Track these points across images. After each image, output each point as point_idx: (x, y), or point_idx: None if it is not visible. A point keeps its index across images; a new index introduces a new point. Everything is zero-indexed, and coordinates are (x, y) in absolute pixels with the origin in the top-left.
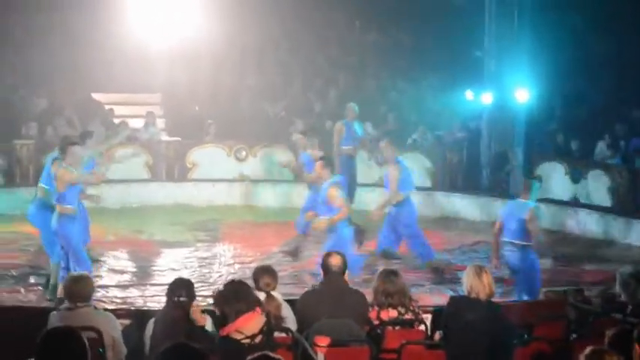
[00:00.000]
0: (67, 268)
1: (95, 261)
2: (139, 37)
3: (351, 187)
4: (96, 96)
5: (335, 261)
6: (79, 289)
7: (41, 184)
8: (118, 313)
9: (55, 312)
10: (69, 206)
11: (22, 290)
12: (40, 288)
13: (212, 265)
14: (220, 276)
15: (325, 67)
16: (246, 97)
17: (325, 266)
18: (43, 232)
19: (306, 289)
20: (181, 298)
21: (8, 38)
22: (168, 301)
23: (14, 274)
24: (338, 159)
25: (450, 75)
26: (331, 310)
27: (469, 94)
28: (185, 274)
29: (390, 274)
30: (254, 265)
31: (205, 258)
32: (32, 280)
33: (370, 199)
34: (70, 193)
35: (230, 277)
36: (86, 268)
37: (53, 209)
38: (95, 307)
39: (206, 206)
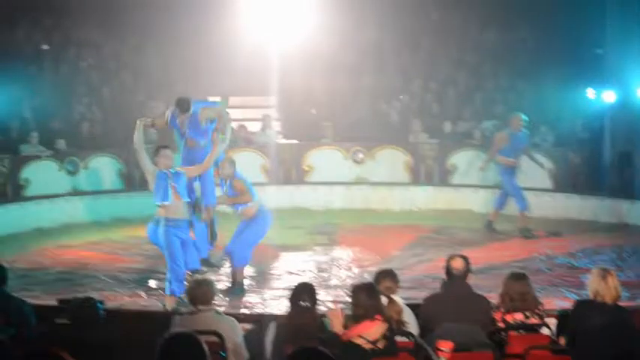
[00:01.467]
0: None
1: (217, 267)
2: (255, 39)
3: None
4: (212, 99)
5: (458, 265)
6: (202, 293)
7: None
8: (238, 317)
9: (177, 316)
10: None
11: (144, 295)
12: (161, 292)
13: (331, 269)
14: (339, 280)
15: (444, 67)
16: (364, 99)
17: (448, 270)
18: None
19: (428, 293)
20: (305, 303)
21: (128, 40)
22: (292, 306)
23: (135, 278)
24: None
25: (570, 73)
26: (454, 314)
27: (590, 93)
28: (304, 278)
29: (518, 277)
30: (373, 268)
31: (324, 262)
32: (153, 284)
33: None
34: None
35: (349, 282)
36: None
37: None
38: (217, 312)
39: (324, 209)
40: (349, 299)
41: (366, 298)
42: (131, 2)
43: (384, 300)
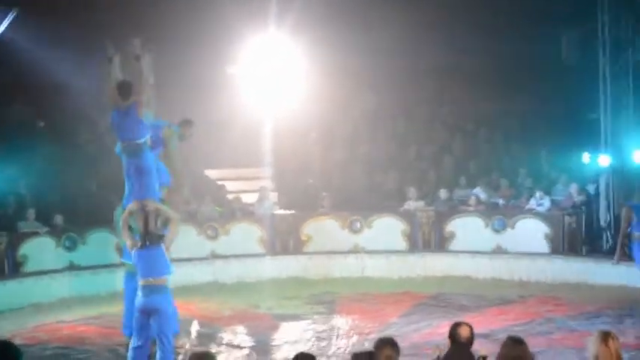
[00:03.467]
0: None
1: None
2: (249, 111)
3: None
4: (208, 172)
5: (464, 332)
6: None
7: None
8: None
9: None
10: None
11: None
12: None
13: (330, 338)
14: (338, 349)
15: (439, 134)
16: (359, 168)
17: (454, 337)
18: None
19: None
20: None
21: None
22: None
23: None
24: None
25: (565, 138)
26: None
27: (586, 157)
28: (303, 348)
29: (515, 342)
30: (373, 336)
31: (323, 331)
32: None
33: None
34: None
35: (348, 350)
36: None
37: None
38: None
39: (322, 279)
40: None
41: None
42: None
43: None
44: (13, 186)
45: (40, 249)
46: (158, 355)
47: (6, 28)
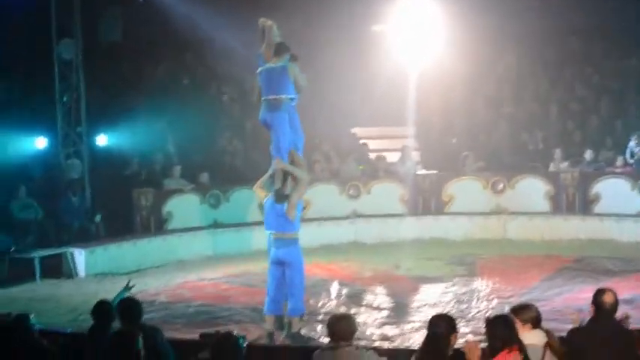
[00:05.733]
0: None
1: None
2: (393, 69)
3: None
4: (353, 130)
5: (609, 298)
6: (343, 329)
7: None
8: (378, 351)
9: (317, 351)
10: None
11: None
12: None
13: (470, 301)
14: (479, 312)
15: (585, 94)
16: (504, 128)
17: (597, 303)
18: None
19: (570, 325)
20: (440, 331)
21: None
22: (428, 336)
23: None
24: None
25: None
26: (600, 350)
27: None
28: (443, 310)
29: None
30: (513, 300)
31: (463, 293)
32: None
33: None
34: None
35: (489, 313)
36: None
37: None
38: (357, 346)
39: (463, 240)
40: (485, 332)
41: (502, 329)
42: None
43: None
44: (160, 143)
45: (185, 206)
46: (289, 306)
47: None
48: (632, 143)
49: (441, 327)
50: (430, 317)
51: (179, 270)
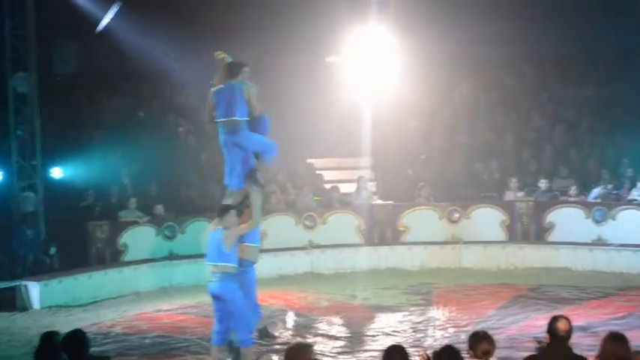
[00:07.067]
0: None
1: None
2: (349, 100)
3: None
4: (309, 161)
5: (563, 325)
6: (301, 358)
7: None
8: None
9: None
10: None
11: None
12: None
13: (426, 330)
14: (435, 340)
15: (540, 124)
16: (459, 157)
17: (552, 330)
18: None
19: (526, 353)
20: None
21: None
22: None
23: None
24: None
25: None
26: None
27: None
28: (399, 339)
29: (616, 338)
30: (469, 328)
31: (419, 322)
32: None
33: None
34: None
35: (444, 342)
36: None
37: None
38: None
39: (419, 269)
40: None
41: None
42: None
43: None
44: (116, 176)
45: (141, 238)
46: (238, 337)
47: (111, 20)
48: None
49: (395, 358)
50: (385, 349)
51: (135, 301)
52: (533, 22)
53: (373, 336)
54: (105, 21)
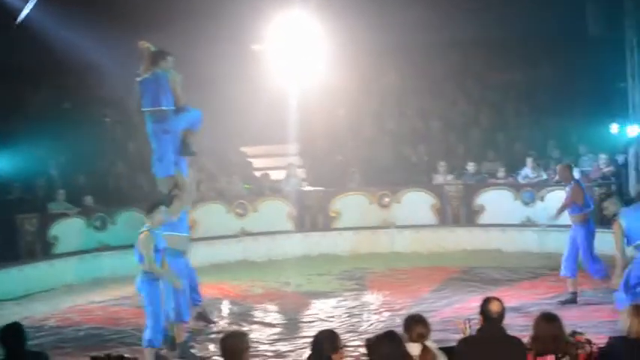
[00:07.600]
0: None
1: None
2: (276, 88)
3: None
4: (241, 149)
5: (495, 307)
6: (235, 346)
7: None
8: None
9: None
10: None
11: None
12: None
13: (361, 314)
14: (370, 325)
15: (466, 108)
16: (388, 143)
17: (485, 312)
18: None
19: (460, 335)
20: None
21: None
22: (311, 355)
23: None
24: None
25: (593, 108)
26: (490, 357)
27: (614, 128)
28: (334, 325)
29: (548, 319)
30: (404, 312)
31: (354, 307)
32: None
33: None
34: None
35: (380, 326)
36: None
37: None
38: None
39: (351, 254)
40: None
41: (388, 348)
42: None
43: (417, 348)
44: (42, 167)
45: (71, 230)
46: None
47: (31, 10)
48: (527, 169)
49: (323, 344)
50: (314, 335)
51: (67, 294)
52: (458, 8)
53: (309, 322)
54: (24, 12)
